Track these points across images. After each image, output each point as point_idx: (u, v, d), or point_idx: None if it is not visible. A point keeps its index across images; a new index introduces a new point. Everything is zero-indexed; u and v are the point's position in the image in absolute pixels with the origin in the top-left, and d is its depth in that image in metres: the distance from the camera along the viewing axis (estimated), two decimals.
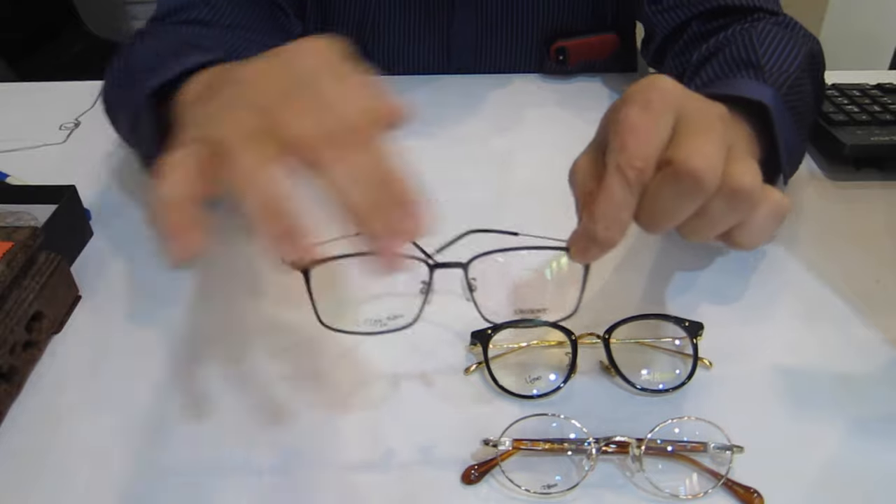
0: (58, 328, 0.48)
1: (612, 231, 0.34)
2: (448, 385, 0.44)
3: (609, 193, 0.33)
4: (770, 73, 0.52)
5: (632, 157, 0.33)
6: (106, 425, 0.42)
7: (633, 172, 0.33)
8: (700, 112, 0.34)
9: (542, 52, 0.81)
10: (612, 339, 0.43)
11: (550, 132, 0.70)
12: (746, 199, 0.33)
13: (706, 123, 0.34)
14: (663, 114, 0.34)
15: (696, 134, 0.33)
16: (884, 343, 0.46)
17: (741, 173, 0.33)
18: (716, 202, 0.33)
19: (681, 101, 0.34)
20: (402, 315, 0.40)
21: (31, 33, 1.88)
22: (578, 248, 0.35)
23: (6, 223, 0.47)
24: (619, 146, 0.33)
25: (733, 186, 0.33)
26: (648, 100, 0.34)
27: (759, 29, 0.57)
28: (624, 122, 0.34)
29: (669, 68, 0.66)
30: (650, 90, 0.34)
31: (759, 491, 0.37)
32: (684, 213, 0.34)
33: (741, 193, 0.33)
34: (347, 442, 0.40)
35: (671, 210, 0.33)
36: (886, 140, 0.61)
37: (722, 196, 0.33)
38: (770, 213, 0.35)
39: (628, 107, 0.34)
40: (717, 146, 0.33)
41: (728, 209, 0.34)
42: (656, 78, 0.35)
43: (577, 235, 0.35)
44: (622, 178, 0.33)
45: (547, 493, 0.37)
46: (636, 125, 0.33)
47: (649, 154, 0.33)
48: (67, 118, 0.74)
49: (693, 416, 0.40)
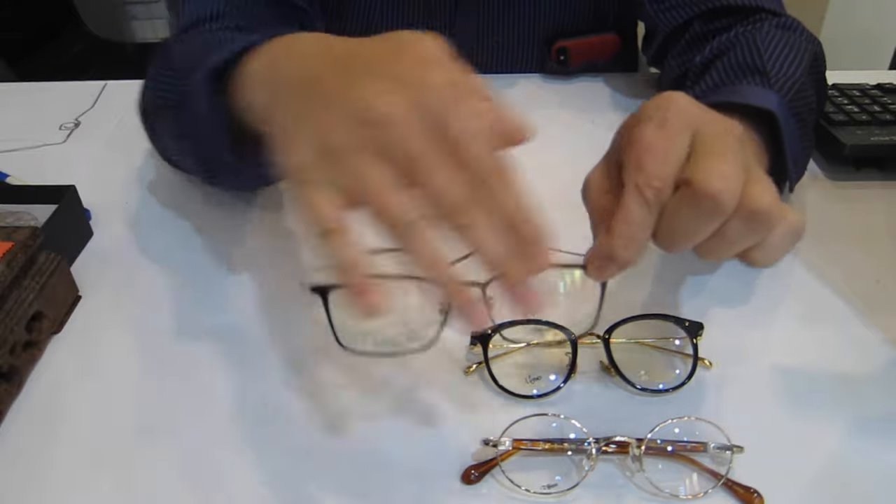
0: (58, 328, 0.48)
1: (629, 250, 0.34)
2: (448, 385, 0.44)
3: (627, 213, 0.33)
4: (776, 79, 0.52)
5: (650, 176, 0.33)
6: (106, 425, 0.42)
7: (651, 192, 0.33)
8: (717, 132, 0.34)
9: (543, 53, 0.81)
10: (612, 339, 0.43)
11: (552, 132, 0.70)
12: (765, 221, 0.33)
13: (724, 144, 0.34)
14: (680, 133, 0.34)
15: (715, 154, 0.33)
16: (884, 343, 0.46)
17: (759, 194, 0.33)
18: (734, 223, 0.33)
19: (697, 120, 0.34)
20: (420, 337, 0.40)
21: (31, 33, 1.88)
22: (595, 267, 0.35)
23: (6, 223, 0.47)
24: (637, 165, 0.33)
25: (752, 208, 0.33)
26: (665, 118, 0.34)
27: (763, 32, 0.57)
28: (641, 141, 0.34)
29: (671, 68, 0.66)
30: (667, 108, 0.34)
31: (759, 491, 0.37)
32: (702, 233, 0.34)
33: (760, 215, 0.33)
34: (347, 442, 0.40)
35: (689, 231, 0.33)
36: (886, 140, 0.61)
37: (740, 217, 0.33)
38: (787, 234, 0.35)
39: (644, 125, 0.34)
40: (735, 167, 0.33)
41: (746, 230, 0.34)
42: (672, 95, 0.35)
43: (594, 253, 0.35)
44: (640, 198, 0.33)
45: (547, 493, 0.37)
46: (653, 144, 0.33)
47: (667, 173, 0.33)
48: (67, 118, 0.74)
49: (693, 416, 0.40)
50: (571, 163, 0.38)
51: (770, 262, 0.36)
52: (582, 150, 0.38)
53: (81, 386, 0.44)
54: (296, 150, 0.33)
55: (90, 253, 0.55)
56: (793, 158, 0.50)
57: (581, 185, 0.40)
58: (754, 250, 0.35)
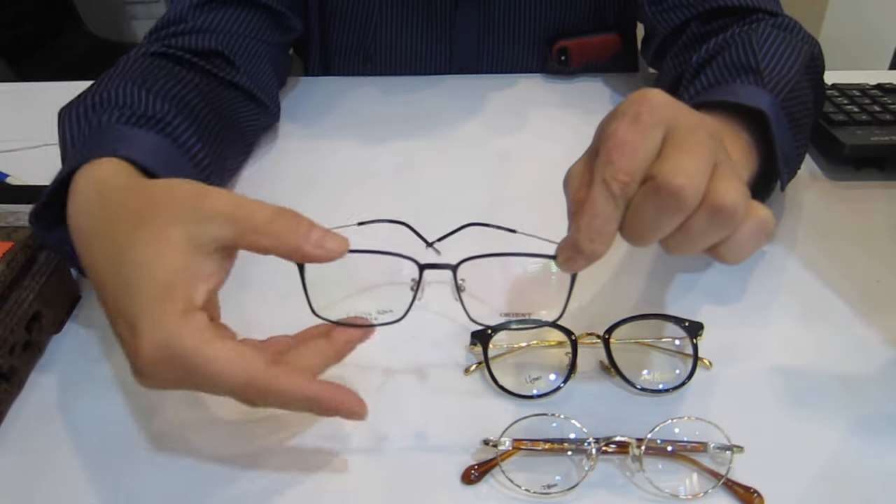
0: (58, 328, 0.48)
1: (596, 243, 0.34)
2: (448, 385, 0.44)
3: (593, 206, 0.34)
4: (769, 78, 0.52)
5: (617, 170, 0.33)
6: (106, 425, 0.42)
7: (617, 186, 0.33)
8: (689, 128, 0.34)
9: (544, 53, 0.81)
10: (612, 339, 0.43)
11: (552, 132, 0.70)
12: (730, 217, 0.33)
13: (694, 139, 0.34)
14: (652, 128, 0.34)
15: (682, 150, 0.33)
16: (884, 343, 0.46)
17: (724, 191, 0.33)
18: (698, 219, 0.33)
19: (671, 115, 0.34)
20: (392, 310, 0.40)
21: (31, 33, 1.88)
22: (564, 258, 0.35)
23: (6, 223, 0.47)
24: (606, 159, 0.34)
25: (715, 204, 0.33)
26: (638, 113, 0.34)
27: (759, 32, 0.57)
28: (613, 135, 0.34)
29: (668, 68, 0.66)
30: (641, 103, 0.34)
31: (759, 491, 0.37)
32: (666, 228, 0.34)
33: (724, 211, 0.33)
34: (347, 442, 0.41)
35: (653, 224, 0.34)
36: (886, 140, 0.61)
37: (704, 213, 0.33)
38: (754, 231, 0.35)
39: (618, 120, 0.34)
40: (701, 162, 0.33)
41: (710, 226, 0.34)
42: (648, 91, 0.35)
43: (564, 245, 0.36)
44: (606, 191, 0.33)
45: (547, 493, 0.37)
46: (624, 139, 0.33)
47: (635, 168, 0.33)
48: None
49: (693, 416, 0.40)
50: (571, 162, 0.38)
51: (738, 259, 0.36)
52: (582, 149, 0.38)
53: (81, 386, 0.44)
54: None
55: None
56: (784, 158, 0.50)
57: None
58: (721, 246, 0.35)
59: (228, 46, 0.63)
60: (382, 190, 0.62)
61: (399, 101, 0.76)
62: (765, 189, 0.53)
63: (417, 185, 0.62)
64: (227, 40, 0.63)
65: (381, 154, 0.67)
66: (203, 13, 0.63)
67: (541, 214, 0.51)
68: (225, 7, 0.64)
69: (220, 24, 0.63)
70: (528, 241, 0.48)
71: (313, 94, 0.78)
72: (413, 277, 0.39)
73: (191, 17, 0.63)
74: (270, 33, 0.68)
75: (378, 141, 0.69)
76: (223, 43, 0.62)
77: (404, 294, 0.40)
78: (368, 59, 0.82)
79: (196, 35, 0.61)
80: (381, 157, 0.67)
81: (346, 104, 0.76)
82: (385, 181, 0.63)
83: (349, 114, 0.74)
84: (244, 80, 0.62)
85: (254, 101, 0.64)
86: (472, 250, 0.40)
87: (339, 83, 0.80)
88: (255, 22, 0.66)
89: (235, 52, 0.63)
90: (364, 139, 0.69)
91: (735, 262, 0.36)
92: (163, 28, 0.62)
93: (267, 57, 0.67)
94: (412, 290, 0.40)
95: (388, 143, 0.69)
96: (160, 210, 0.35)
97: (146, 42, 0.61)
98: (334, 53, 0.83)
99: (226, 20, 0.64)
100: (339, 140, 0.69)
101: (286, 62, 0.74)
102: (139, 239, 0.35)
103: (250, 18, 0.66)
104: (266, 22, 0.68)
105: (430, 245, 0.51)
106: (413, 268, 0.39)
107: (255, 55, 0.65)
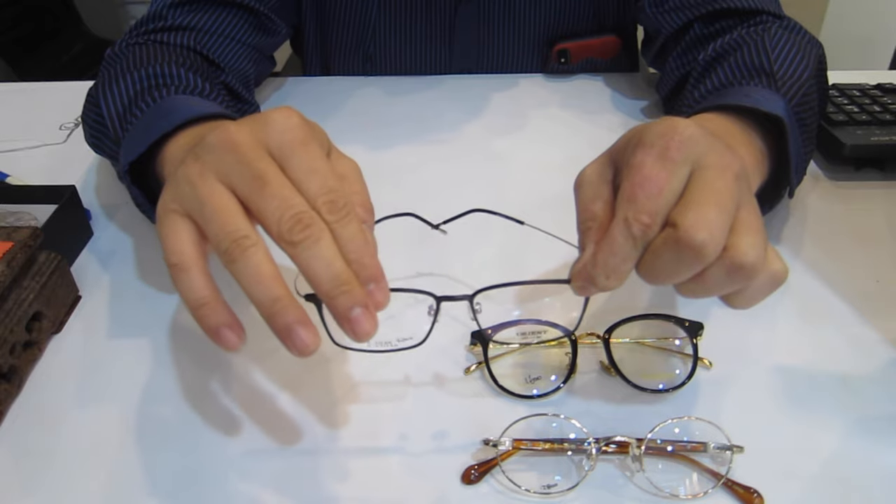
0: (58, 328, 0.48)
1: (611, 280, 0.34)
2: (448, 385, 0.44)
3: (612, 244, 0.33)
4: (782, 83, 0.52)
5: (640, 211, 0.32)
6: (106, 425, 0.42)
7: (638, 228, 0.33)
8: (717, 170, 0.33)
9: (544, 53, 0.81)
10: (612, 339, 0.43)
11: (553, 132, 0.70)
12: (747, 275, 0.33)
13: (720, 184, 0.33)
14: (680, 165, 0.33)
15: (707, 199, 0.32)
16: (884, 343, 0.46)
17: (746, 248, 0.32)
18: (715, 271, 0.33)
19: (700, 152, 0.34)
20: (411, 337, 0.41)
21: (31, 33, 1.88)
22: (578, 286, 0.36)
23: (6, 223, 0.47)
24: (630, 196, 0.33)
25: (735, 262, 0.32)
26: (666, 147, 0.33)
27: (771, 34, 0.56)
28: (639, 169, 0.33)
29: (672, 69, 0.66)
30: (671, 136, 0.33)
31: (759, 491, 0.37)
32: (682, 276, 0.33)
33: (743, 269, 0.33)
34: (347, 442, 0.41)
35: (670, 271, 0.33)
36: (886, 140, 0.61)
37: (722, 267, 0.33)
38: (768, 284, 0.35)
39: (645, 151, 0.33)
40: (724, 214, 0.32)
41: (727, 279, 0.33)
42: (678, 123, 0.34)
43: (578, 271, 0.35)
44: (627, 231, 0.33)
45: (547, 493, 0.37)
46: (649, 176, 0.33)
47: (657, 209, 0.33)
48: (67, 118, 0.74)
49: (693, 416, 0.40)
50: (571, 162, 0.38)
51: (747, 306, 0.36)
52: (582, 150, 0.38)
53: (81, 386, 0.44)
54: (163, 192, 0.35)
55: (90, 253, 0.55)
56: (795, 165, 0.50)
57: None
58: (733, 295, 0.35)
59: (207, 45, 0.64)
60: (382, 190, 0.62)
61: (399, 102, 0.76)
62: (774, 195, 0.52)
63: (418, 185, 0.62)
64: (204, 38, 0.64)
65: (382, 154, 0.67)
66: (182, 14, 0.64)
67: (541, 214, 0.51)
68: (203, 7, 0.65)
69: (198, 24, 0.64)
70: (533, 233, 0.48)
71: (313, 94, 0.78)
72: (431, 306, 0.40)
73: (170, 15, 0.64)
74: (250, 35, 0.68)
75: (378, 141, 0.69)
76: (201, 42, 0.63)
77: (421, 321, 0.40)
78: (368, 60, 0.82)
79: (173, 32, 0.62)
80: (381, 158, 0.67)
81: (345, 104, 0.76)
82: (385, 181, 0.63)
83: (349, 114, 0.74)
84: (226, 78, 0.64)
85: (235, 97, 0.65)
86: (477, 236, 0.39)
87: (338, 83, 0.80)
88: (234, 22, 0.67)
89: (213, 50, 0.64)
90: (364, 139, 0.69)
91: (744, 308, 0.36)
92: (142, 25, 0.64)
93: (247, 58, 0.68)
94: (429, 315, 0.40)
95: (388, 144, 0.69)
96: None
97: (126, 37, 0.63)
98: (333, 53, 0.83)
99: (203, 20, 0.65)
100: (339, 140, 0.68)
101: (266, 65, 0.74)
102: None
103: (229, 19, 0.66)
104: (246, 23, 0.68)
105: (436, 227, 0.51)
106: (428, 300, 0.39)
107: (234, 55, 0.66)
